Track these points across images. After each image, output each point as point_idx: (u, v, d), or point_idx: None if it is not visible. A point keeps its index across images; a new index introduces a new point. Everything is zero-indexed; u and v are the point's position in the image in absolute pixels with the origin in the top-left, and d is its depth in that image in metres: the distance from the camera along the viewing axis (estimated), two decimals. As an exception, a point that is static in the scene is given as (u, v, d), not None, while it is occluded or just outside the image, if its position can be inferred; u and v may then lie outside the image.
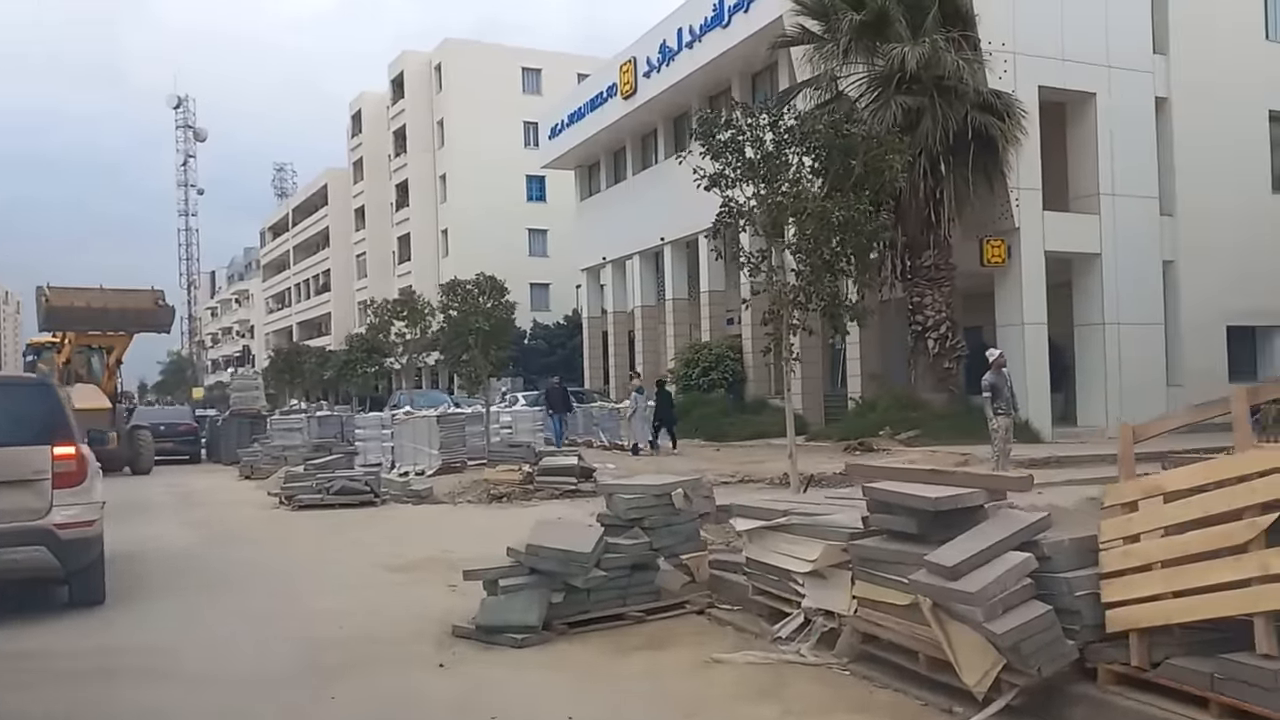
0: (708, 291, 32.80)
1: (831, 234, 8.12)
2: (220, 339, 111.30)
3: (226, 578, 8.62)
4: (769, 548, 5.55)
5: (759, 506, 5.68)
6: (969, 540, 4.31)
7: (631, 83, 34.34)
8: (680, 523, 6.21)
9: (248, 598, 7.75)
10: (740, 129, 8.62)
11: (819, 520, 5.16)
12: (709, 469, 17.86)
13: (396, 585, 7.84)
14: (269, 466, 19.30)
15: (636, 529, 6.09)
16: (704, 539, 6.79)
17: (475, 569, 6.13)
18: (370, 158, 68.79)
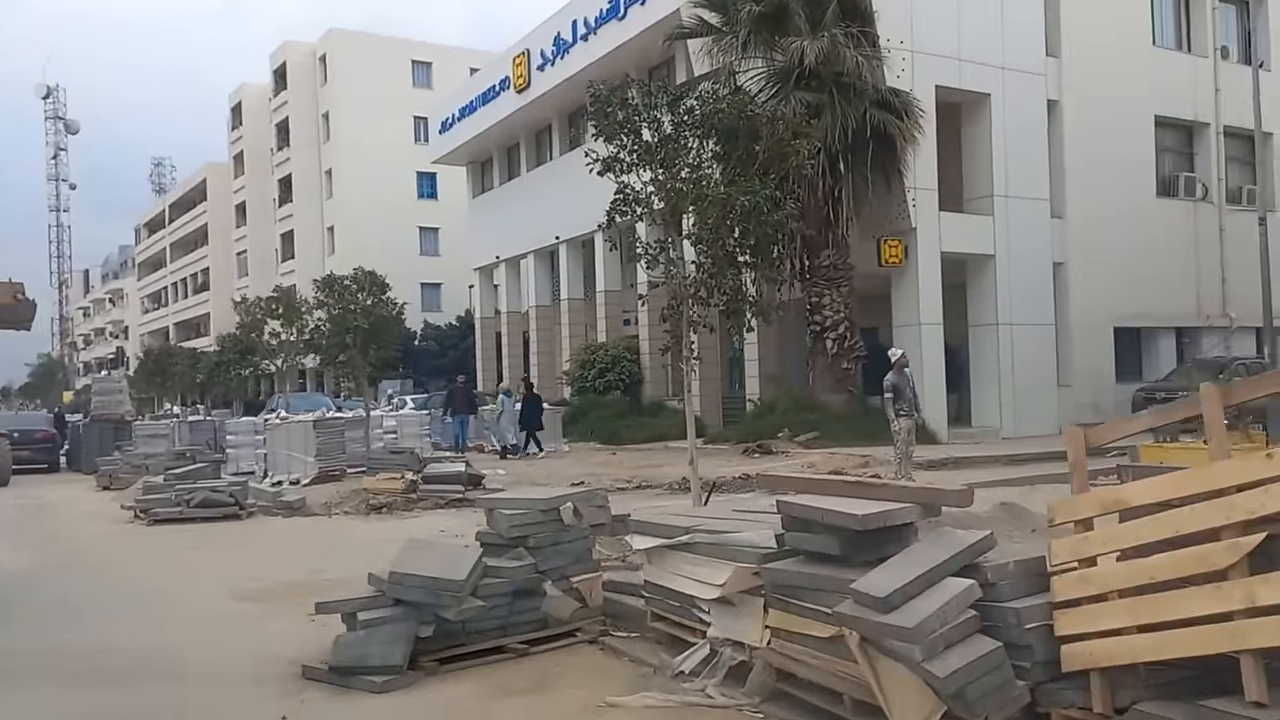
0: (604, 291, 32.15)
1: (734, 223, 7.50)
2: (93, 340, 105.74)
3: (46, 610, 7.47)
4: (670, 569, 4.85)
5: (659, 522, 4.96)
6: (902, 564, 3.68)
7: (525, 76, 33.41)
8: (570, 541, 5.44)
9: (62, 633, 6.65)
10: (636, 109, 7.92)
11: (726, 539, 4.47)
12: (604, 473, 17.18)
13: (248, 617, 6.83)
14: (129, 476, 17.79)
15: (520, 549, 5.30)
16: (598, 557, 6.05)
17: (330, 601, 5.21)
18: (251, 152, 65.95)
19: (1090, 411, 23.58)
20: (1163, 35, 26.36)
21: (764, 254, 8.02)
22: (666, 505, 11.68)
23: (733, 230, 7.55)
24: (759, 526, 4.64)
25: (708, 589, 4.52)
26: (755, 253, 7.97)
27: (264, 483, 16.88)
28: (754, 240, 7.80)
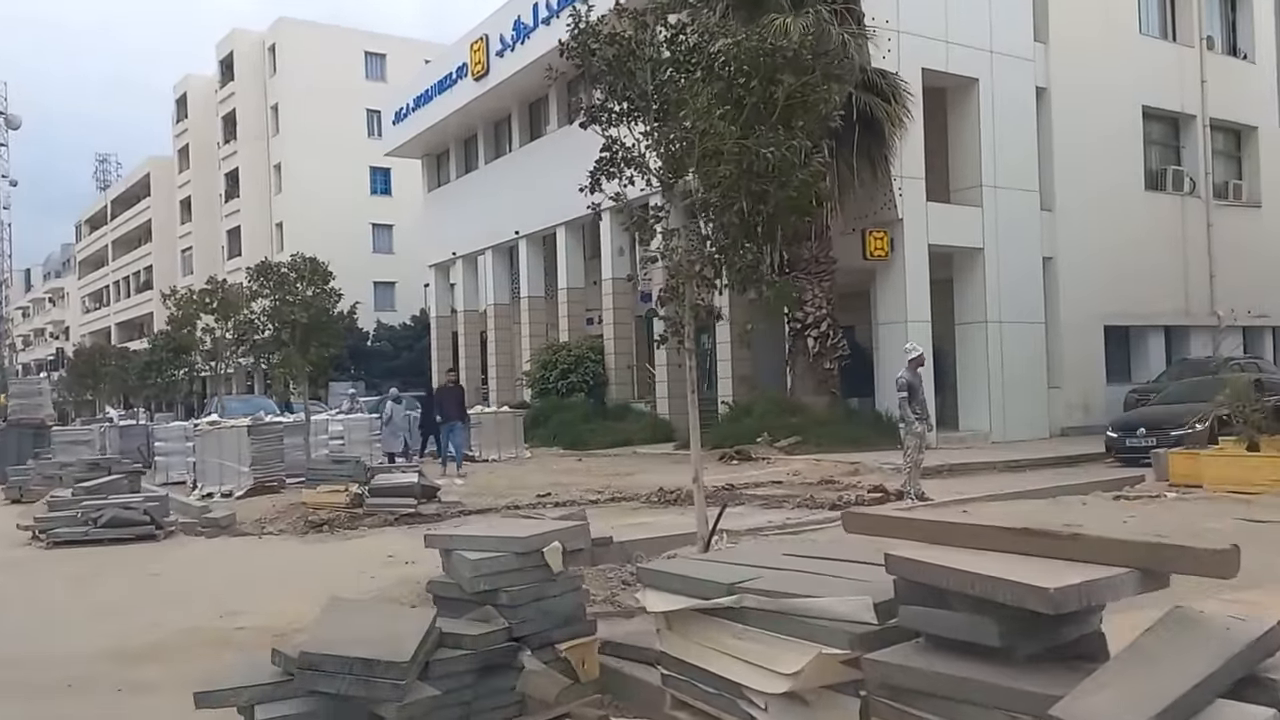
0: (566, 289, 30.69)
1: (751, 182, 6.08)
2: (33, 341, 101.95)
3: None
4: (705, 641, 3.38)
5: (686, 574, 3.46)
6: (1134, 673, 2.24)
7: (483, 62, 31.81)
8: (556, 594, 3.94)
9: None
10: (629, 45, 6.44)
11: (799, 606, 3.02)
12: (571, 483, 15.70)
13: (116, 691, 5.08)
14: (41, 488, 15.96)
15: (488, 607, 3.80)
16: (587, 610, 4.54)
17: (219, 689, 3.61)
18: (197, 145, 63.42)
19: (1081, 413, 22.54)
20: (1149, 23, 25.43)
21: (783, 222, 6.59)
22: (650, 522, 10.22)
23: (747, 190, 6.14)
24: (835, 583, 3.18)
25: (770, 678, 3.06)
26: (773, 221, 6.55)
27: (192, 495, 15.19)
28: (773, 205, 6.38)
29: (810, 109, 6.54)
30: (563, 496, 13.57)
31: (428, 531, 4.48)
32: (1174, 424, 15.40)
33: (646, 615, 5.35)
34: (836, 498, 11.28)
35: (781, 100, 6.33)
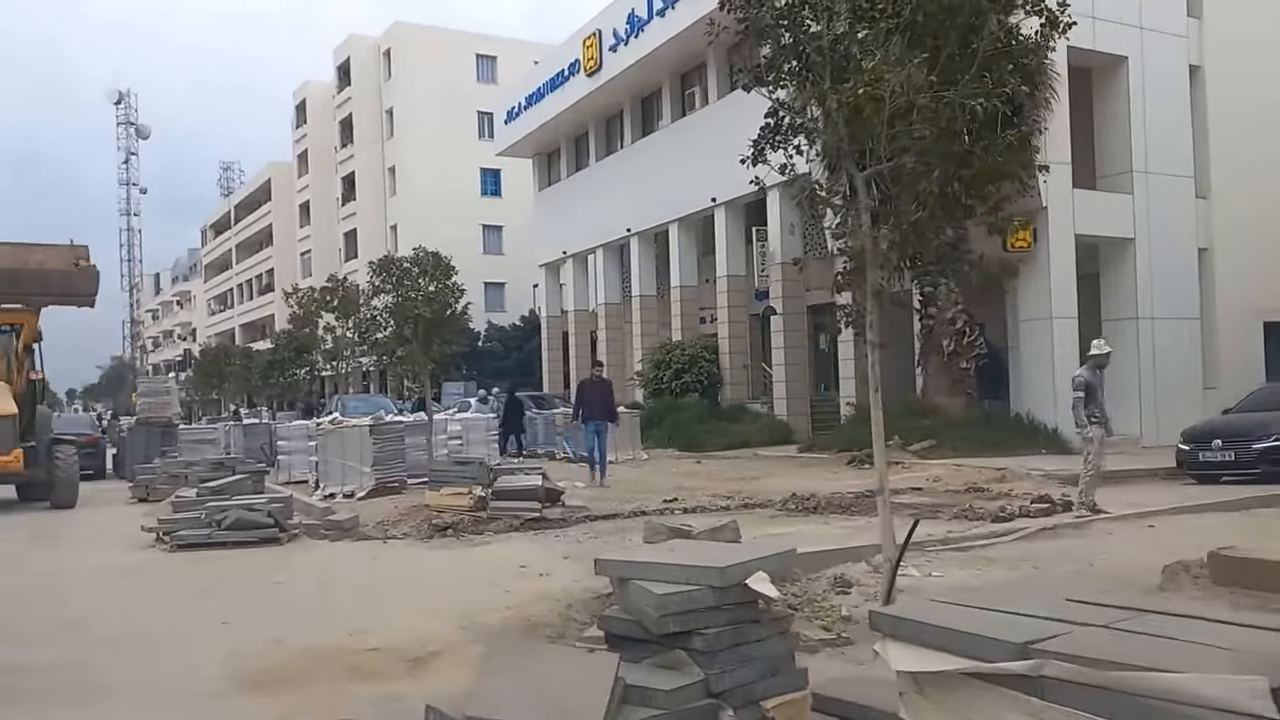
0: (679, 287, 30.04)
1: (952, 143, 5.28)
2: (162, 343, 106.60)
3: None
4: (986, 715, 2.61)
5: (952, 626, 2.66)
6: None
7: (596, 58, 31.41)
8: (760, 638, 3.21)
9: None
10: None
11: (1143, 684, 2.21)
12: (695, 487, 15.00)
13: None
14: (167, 486, 16.02)
15: (679, 653, 3.11)
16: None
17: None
18: (315, 150, 65.03)
19: (1241, 417, 20.79)
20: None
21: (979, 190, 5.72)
22: (792, 532, 9.42)
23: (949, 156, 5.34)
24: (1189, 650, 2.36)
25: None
26: (973, 190, 5.70)
27: (314, 495, 15.01)
28: (973, 170, 5.57)
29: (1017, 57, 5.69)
30: (690, 501, 12.90)
31: (599, 556, 3.80)
32: (1258, 435, 13.56)
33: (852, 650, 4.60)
34: (998, 509, 10.28)
35: (983, 49, 5.50)
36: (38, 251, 16.40)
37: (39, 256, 16.11)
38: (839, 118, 5.39)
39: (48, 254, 16.39)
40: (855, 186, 5.75)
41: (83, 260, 16.32)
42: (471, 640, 5.54)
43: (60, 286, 16.16)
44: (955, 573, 6.79)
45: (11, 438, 15.30)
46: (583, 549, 9.07)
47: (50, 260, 16.12)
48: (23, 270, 15.66)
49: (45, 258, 16.14)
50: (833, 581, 6.09)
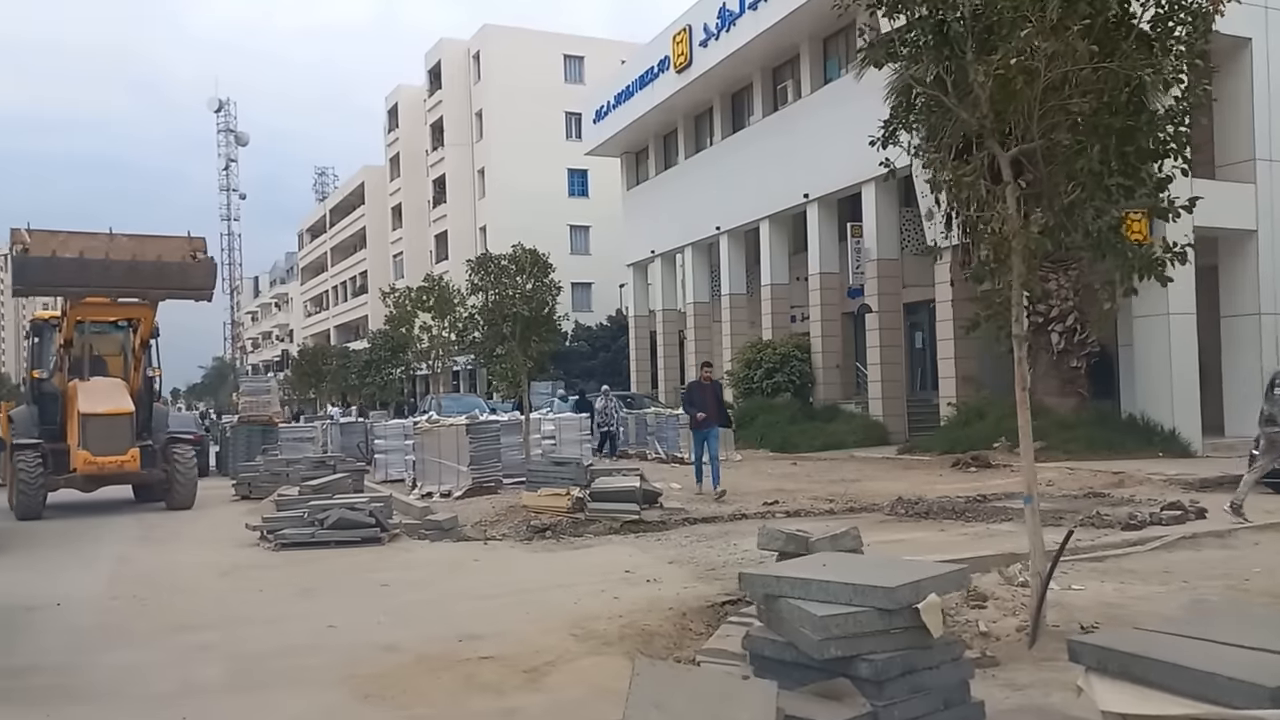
0: (769, 285, 29.58)
1: (1113, 118, 4.84)
2: (261, 344, 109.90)
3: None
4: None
5: (1176, 661, 2.29)
6: None
7: (686, 54, 31.14)
8: (932, 665, 2.90)
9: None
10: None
11: None
12: (795, 489, 14.60)
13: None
14: (269, 484, 16.29)
15: (842, 681, 2.83)
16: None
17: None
18: (407, 154, 66.20)
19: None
20: None
21: (1137, 170, 5.27)
22: (910, 539, 9.01)
23: (1110, 132, 4.90)
24: None
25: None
26: (1132, 169, 5.26)
27: (412, 494, 15.07)
28: (1135, 147, 5.14)
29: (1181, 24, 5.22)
30: (790, 504, 12.55)
31: (743, 570, 3.52)
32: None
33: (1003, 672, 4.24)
34: (1126, 515, 9.70)
35: (1145, 16, 5.08)
36: (155, 243, 15.64)
37: (157, 249, 15.36)
38: (984, 93, 5.01)
39: (165, 246, 15.66)
40: (998, 168, 5.35)
41: (199, 252, 15.70)
42: (588, 651, 5.34)
43: (178, 279, 15.43)
44: (1095, 585, 6.34)
45: (128, 436, 14.96)
46: (687, 553, 8.83)
47: (168, 253, 15.38)
48: (141, 263, 14.89)
49: (163, 250, 15.40)
50: (965, 594, 5.72)
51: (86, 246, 14.63)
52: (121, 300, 15.84)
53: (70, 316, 15.65)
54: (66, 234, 14.87)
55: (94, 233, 15.09)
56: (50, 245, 14.50)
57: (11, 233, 14.89)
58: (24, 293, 15.74)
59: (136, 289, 15.32)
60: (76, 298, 15.25)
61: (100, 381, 15.94)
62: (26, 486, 14.70)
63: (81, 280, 14.55)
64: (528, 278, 14.78)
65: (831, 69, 27.76)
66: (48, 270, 14.40)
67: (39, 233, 14.69)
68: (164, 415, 18.11)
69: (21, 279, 14.71)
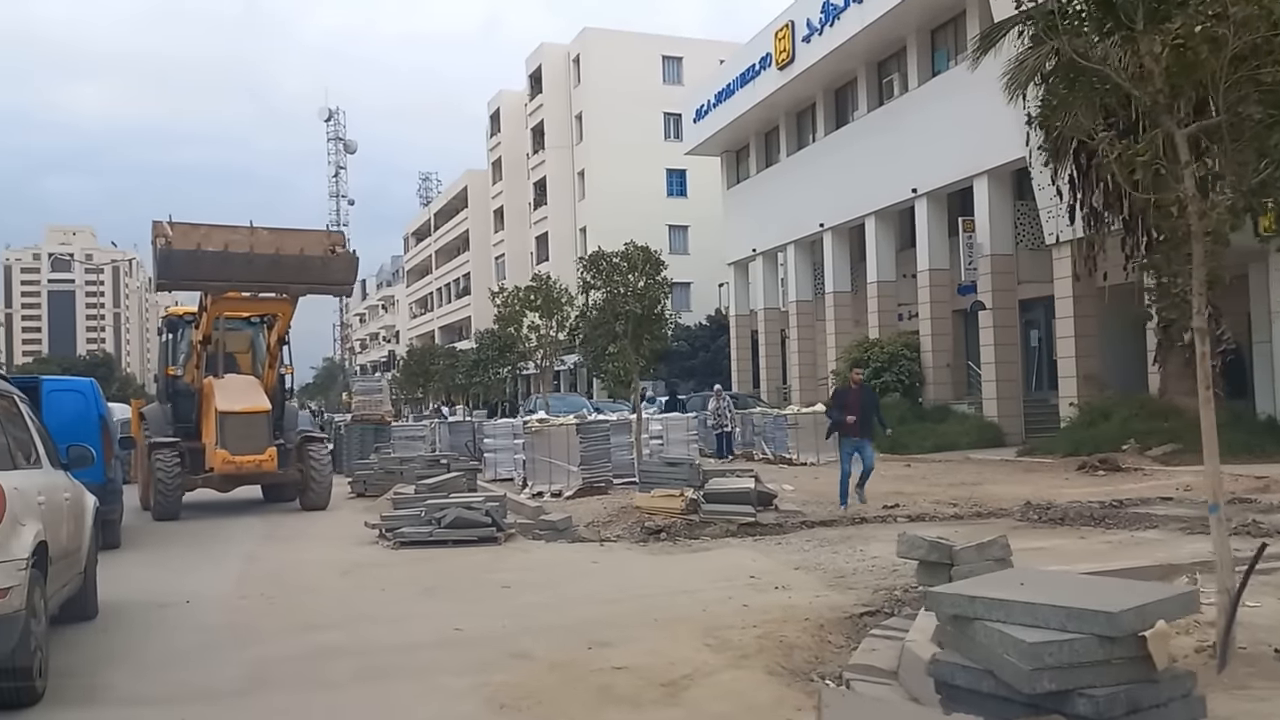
0: (876, 282, 28.92)
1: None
2: (368, 345, 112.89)
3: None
4: None
5: None
6: None
7: (788, 50, 30.70)
8: (1160, 704, 2.56)
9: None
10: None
11: None
12: (914, 493, 14.12)
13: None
14: (383, 482, 16.55)
15: (1055, 718, 2.53)
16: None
17: None
18: (509, 158, 67.09)
19: None
20: None
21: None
22: (1048, 547, 8.55)
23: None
24: None
25: None
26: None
27: (523, 494, 15.09)
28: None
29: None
30: (912, 508, 12.13)
31: (930, 588, 3.27)
32: None
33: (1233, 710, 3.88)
34: (1285, 524, 9.05)
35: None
36: (296, 236, 15.24)
37: (298, 242, 14.95)
38: (1157, 66, 4.63)
39: (306, 239, 15.24)
40: (1174, 146, 4.95)
41: (339, 246, 15.29)
42: (726, 663, 5.12)
43: (319, 274, 15.01)
44: (1272, 603, 5.85)
45: (266, 435, 14.54)
46: (811, 559, 8.54)
47: (309, 246, 14.96)
48: (284, 257, 14.47)
49: (304, 243, 14.98)
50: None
51: (229, 240, 14.33)
52: (261, 295, 15.42)
53: (210, 312, 15.20)
54: (209, 227, 14.59)
55: (235, 226, 14.75)
56: (193, 238, 14.22)
57: (154, 225, 14.48)
58: (168, 287, 15.22)
59: (279, 283, 14.90)
60: (218, 292, 14.76)
61: (236, 379, 15.55)
62: (165, 487, 14.22)
63: (225, 274, 14.19)
64: (639, 275, 14.64)
65: (940, 61, 27.00)
66: (192, 264, 14.07)
67: (181, 225, 14.40)
68: (296, 414, 17.87)
69: (166, 273, 14.36)
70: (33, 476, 5.84)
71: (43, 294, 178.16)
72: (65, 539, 6.25)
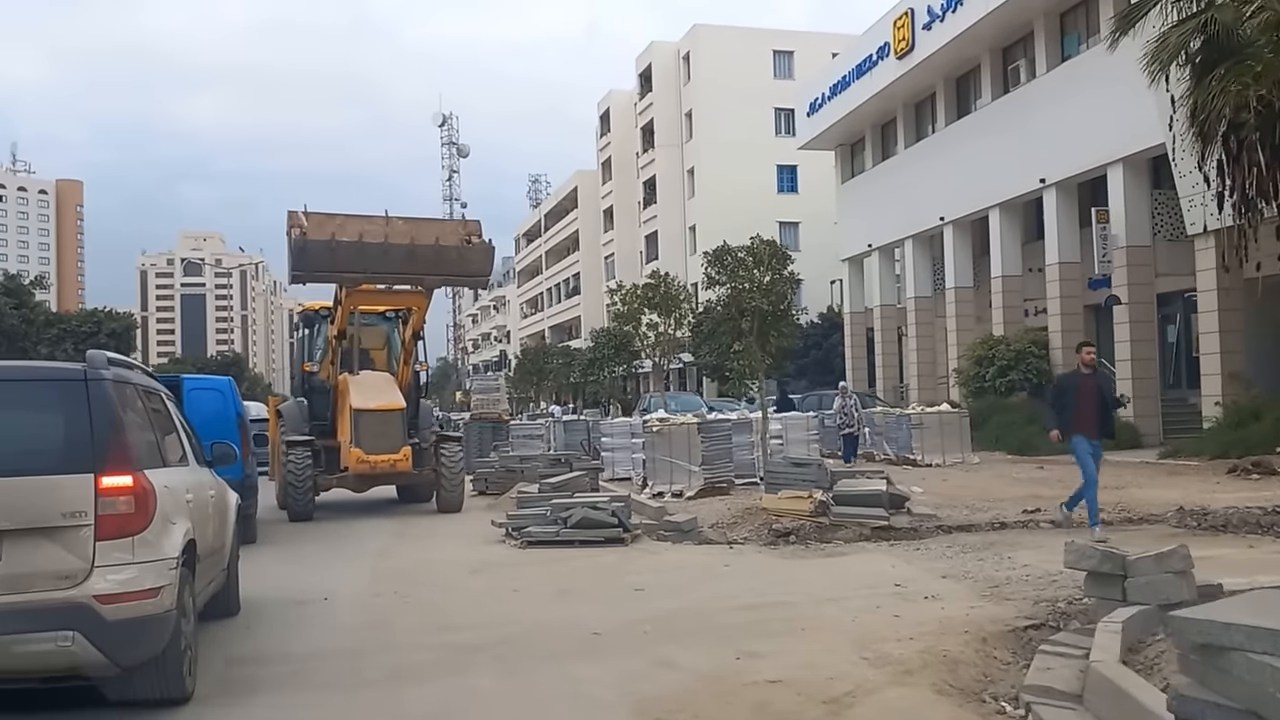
0: (1000, 277, 27.91)
1: None
2: (480, 345, 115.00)
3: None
4: None
5: None
6: None
7: (908, 38, 29.91)
8: None
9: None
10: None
11: None
12: (1050, 495, 13.44)
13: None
14: (504, 480, 16.64)
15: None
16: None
17: None
18: (618, 157, 67.44)
19: None
20: None
21: None
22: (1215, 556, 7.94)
23: None
24: None
25: None
26: None
27: (643, 494, 14.95)
28: None
29: None
30: (1051, 513, 11.50)
31: (1173, 613, 2.93)
32: None
33: None
34: None
35: None
36: (432, 226, 14.64)
37: (434, 231, 14.29)
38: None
39: (441, 229, 14.63)
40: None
41: (475, 236, 14.42)
42: (889, 680, 4.81)
43: (455, 265, 14.19)
44: None
45: (401, 434, 13.88)
46: (958, 566, 8.12)
47: (444, 236, 14.27)
48: (419, 247, 13.71)
49: (440, 233, 14.31)
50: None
51: (364, 230, 13.71)
52: (396, 288, 14.98)
53: (345, 305, 14.59)
54: (344, 217, 13.99)
55: (371, 216, 14.14)
56: (329, 229, 13.62)
57: (289, 215, 13.84)
58: (303, 279, 14.25)
59: (414, 275, 14.26)
60: (353, 284, 14.15)
61: (371, 375, 15.04)
62: (295, 489, 13.89)
63: (360, 266, 13.59)
64: (765, 270, 14.29)
65: (1070, 45, 25.89)
66: (327, 255, 13.42)
67: (317, 215, 13.81)
68: (431, 412, 17.23)
69: (301, 264, 13.64)
70: (181, 474, 5.91)
71: (176, 297, 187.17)
72: (211, 537, 6.33)
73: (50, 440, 4.92)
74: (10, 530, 4.58)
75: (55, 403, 5.00)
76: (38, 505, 4.64)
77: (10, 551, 4.57)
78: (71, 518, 4.63)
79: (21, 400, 5.06)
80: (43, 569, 4.58)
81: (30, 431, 5.02)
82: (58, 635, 4.45)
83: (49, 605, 4.51)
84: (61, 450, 4.82)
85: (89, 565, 4.62)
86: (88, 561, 4.62)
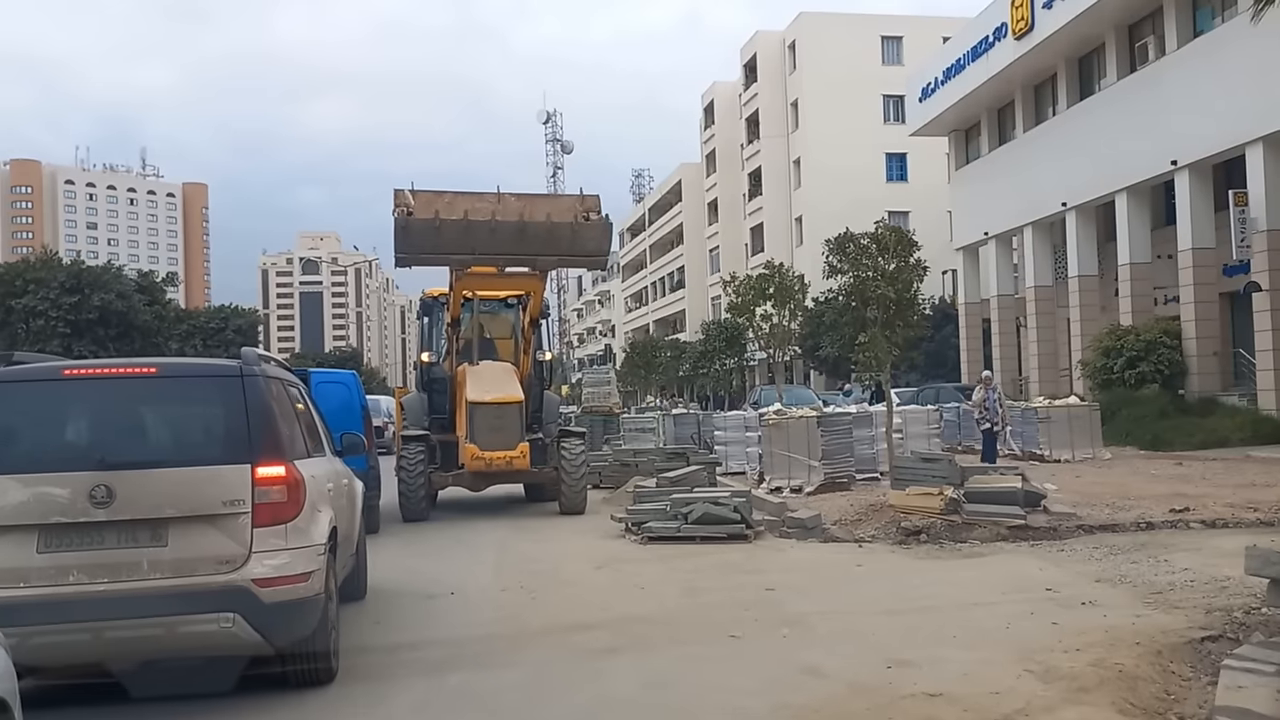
0: (1129, 264, 26.67)
1: None
2: (585, 339, 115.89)
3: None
4: None
5: None
6: None
7: (1026, 18, 28.79)
8: None
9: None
10: None
11: None
12: (1195, 493, 12.69)
13: None
14: (618, 474, 16.57)
15: None
16: None
17: None
18: (723, 149, 66.92)
19: None
20: None
21: None
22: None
23: None
24: None
25: None
26: None
27: (760, 489, 14.68)
28: None
29: None
30: (1205, 513, 10.83)
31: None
32: None
33: None
34: None
35: None
36: (544, 202, 13.68)
37: (546, 207, 13.28)
38: None
39: (554, 205, 13.60)
40: None
41: (593, 212, 13.13)
42: (1062, 697, 4.46)
43: (569, 244, 13.02)
44: None
45: (517, 429, 12.96)
46: (1111, 570, 7.66)
47: (557, 212, 13.10)
48: (530, 224, 12.64)
49: (552, 209, 13.24)
50: None
51: (471, 207, 12.70)
52: (509, 270, 13.74)
53: (456, 291, 13.74)
54: (452, 194, 13.04)
55: (480, 193, 13.16)
56: (434, 206, 12.68)
57: (395, 195, 12.93)
58: (407, 261, 13.08)
59: (525, 255, 13.12)
60: (461, 266, 13.14)
61: (490, 366, 14.03)
62: (406, 487, 13.24)
63: (466, 246, 12.55)
64: (890, 257, 13.81)
65: (1203, 20, 24.52)
66: (431, 235, 12.44)
67: (424, 194, 12.88)
68: (556, 404, 16.26)
69: (405, 245, 12.64)
70: (321, 464, 6.08)
71: (295, 294, 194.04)
72: (345, 524, 6.46)
73: (210, 433, 5.18)
74: (177, 518, 4.82)
75: (214, 398, 5.21)
76: (201, 494, 4.88)
77: (176, 538, 4.80)
78: (231, 506, 4.86)
79: (183, 396, 5.30)
80: (206, 554, 4.80)
81: (192, 425, 5.27)
82: (220, 616, 4.69)
83: (212, 588, 4.73)
84: (221, 442, 5.07)
85: (247, 551, 4.84)
86: (246, 547, 4.84)
